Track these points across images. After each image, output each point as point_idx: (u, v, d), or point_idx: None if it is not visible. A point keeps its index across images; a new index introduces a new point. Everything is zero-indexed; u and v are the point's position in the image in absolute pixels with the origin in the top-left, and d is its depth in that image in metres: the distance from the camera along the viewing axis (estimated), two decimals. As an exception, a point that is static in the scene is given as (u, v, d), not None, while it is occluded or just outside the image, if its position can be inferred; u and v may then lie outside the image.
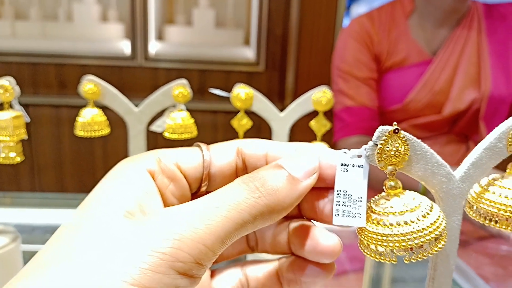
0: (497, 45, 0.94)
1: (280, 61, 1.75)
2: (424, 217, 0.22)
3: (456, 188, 0.25)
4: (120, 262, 0.17)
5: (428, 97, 0.93)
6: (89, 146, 1.75)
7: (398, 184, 0.23)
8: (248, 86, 0.47)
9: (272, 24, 1.71)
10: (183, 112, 0.47)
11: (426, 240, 0.21)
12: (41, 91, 1.71)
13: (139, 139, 0.47)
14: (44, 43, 1.70)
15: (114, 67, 1.68)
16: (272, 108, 0.48)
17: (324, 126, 0.49)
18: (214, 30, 1.80)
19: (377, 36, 0.95)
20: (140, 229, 0.19)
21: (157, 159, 0.23)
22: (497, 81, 0.93)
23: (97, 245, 0.18)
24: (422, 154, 0.24)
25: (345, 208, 0.22)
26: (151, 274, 0.17)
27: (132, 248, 0.18)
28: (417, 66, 0.94)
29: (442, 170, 0.24)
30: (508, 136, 0.26)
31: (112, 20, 1.78)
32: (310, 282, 0.24)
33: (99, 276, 0.17)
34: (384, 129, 0.22)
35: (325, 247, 0.23)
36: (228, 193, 0.20)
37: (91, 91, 0.44)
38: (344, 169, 0.23)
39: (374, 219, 0.22)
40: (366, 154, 0.23)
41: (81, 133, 0.45)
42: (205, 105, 1.71)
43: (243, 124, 0.48)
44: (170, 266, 0.17)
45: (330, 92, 0.48)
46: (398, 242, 0.21)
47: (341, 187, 0.23)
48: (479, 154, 0.25)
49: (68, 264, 0.17)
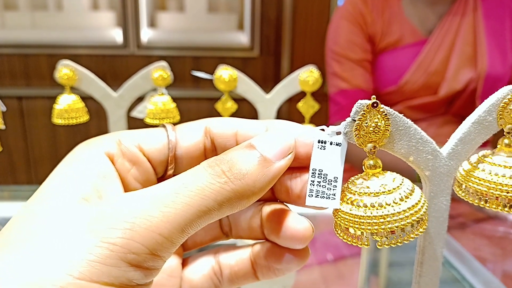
0: (493, 24, 0.93)
1: (274, 45, 1.73)
2: (402, 200, 0.20)
3: (443, 166, 0.23)
4: (67, 253, 0.16)
5: (424, 78, 0.92)
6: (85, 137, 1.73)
7: (378, 163, 0.21)
8: (232, 67, 0.45)
9: (266, 7, 1.68)
10: (164, 96, 0.45)
11: (400, 226, 0.19)
12: (34, 83, 1.69)
13: (120, 125, 0.46)
14: (35, 33, 1.67)
15: (106, 56, 1.65)
16: (257, 89, 0.46)
17: (312, 107, 0.47)
18: (207, 15, 1.77)
19: (370, 16, 0.93)
20: (90, 217, 0.17)
21: (117, 141, 0.21)
22: (494, 60, 0.91)
23: (46, 234, 0.17)
24: (405, 130, 0.22)
25: (319, 188, 0.21)
26: (99, 267, 0.16)
27: (80, 238, 0.16)
28: (412, 46, 0.93)
29: (428, 146, 0.23)
30: (498, 109, 0.24)
31: (103, 8, 1.75)
32: (284, 269, 0.23)
33: (42, 268, 0.15)
34: (362, 103, 0.21)
35: (295, 232, 0.22)
36: (191, 177, 0.18)
37: (67, 76, 0.42)
38: (321, 146, 0.21)
39: (348, 199, 0.20)
40: (344, 131, 0.21)
41: (58, 121, 0.44)
42: (200, 93, 1.69)
43: (227, 107, 0.46)
44: (120, 257, 0.16)
45: (317, 72, 0.46)
46: (370, 225, 0.19)
47: (317, 166, 0.21)
48: (467, 129, 0.23)
49: (12, 254, 0.16)
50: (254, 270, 0.24)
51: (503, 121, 0.24)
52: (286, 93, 0.47)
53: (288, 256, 0.23)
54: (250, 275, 0.24)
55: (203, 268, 0.24)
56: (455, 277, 0.57)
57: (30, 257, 0.16)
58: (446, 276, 0.58)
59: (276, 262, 0.23)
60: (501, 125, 0.24)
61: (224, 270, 0.24)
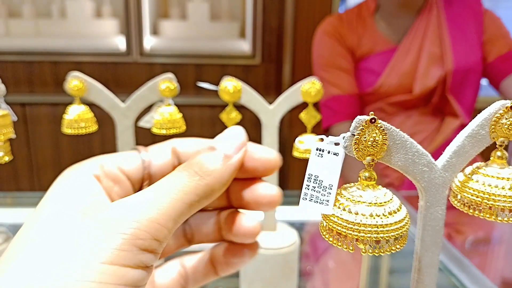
0: (457, 25, 1.05)
1: (276, 53, 1.74)
2: (390, 214, 0.21)
3: (439, 178, 0.25)
4: (89, 247, 0.20)
5: (397, 80, 1.04)
6: (88, 144, 1.74)
7: (373, 175, 0.22)
8: (236, 79, 0.47)
9: (268, 16, 1.70)
10: (171, 107, 0.46)
11: (385, 237, 0.21)
12: (37, 90, 1.70)
13: (127, 135, 0.47)
14: (38, 41, 1.69)
15: (109, 63, 1.67)
16: (260, 100, 0.48)
17: (314, 117, 0.49)
18: (209, 23, 1.79)
19: (345, 32, 1.08)
20: (99, 220, 0.21)
21: (100, 165, 0.25)
22: (459, 57, 1.03)
23: (61, 238, 0.20)
24: (401, 144, 0.23)
25: (313, 193, 0.22)
26: (117, 253, 0.20)
27: (98, 235, 0.20)
28: (384, 54, 1.06)
29: (423, 159, 0.24)
30: (491, 123, 0.25)
31: (106, 16, 1.77)
32: (239, 262, 0.28)
33: (73, 259, 0.19)
34: (361, 119, 0.22)
35: (247, 229, 0.27)
36: (173, 180, 0.23)
37: (77, 88, 0.44)
38: (319, 154, 0.23)
39: (341, 204, 0.22)
40: (344, 144, 0.22)
41: (68, 130, 0.45)
42: (202, 100, 1.70)
43: (232, 117, 0.48)
44: (132, 243, 0.20)
45: (319, 83, 0.47)
46: (358, 231, 0.21)
47: (313, 172, 0.22)
48: (461, 142, 0.25)
49: (42, 253, 0.20)
50: (215, 267, 0.29)
51: (495, 134, 0.25)
52: (288, 104, 0.48)
53: (242, 251, 0.28)
54: (211, 273, 0.29)
55: (171, 273, 0.29)
56: (454, 284, 0.58)
57: (61, 255, 0.20)
58: (445, 283, 0.59)
59: (233, 257, 0.28)
60: (494, 138, 0.25)
61: (188, 271, 0.29)
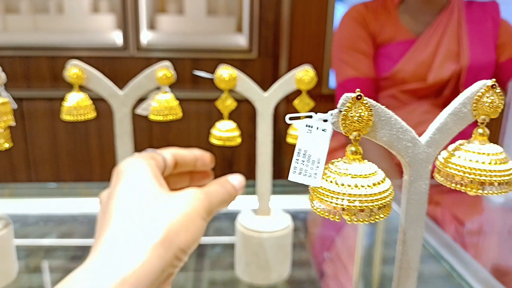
0: (475, 26, 1.13)
1: (273, 47, 1.75)
2: (374, 185, 0.23)
3: (422, 153, 0.26)
4: (151, 226, 0.27)
5: (413, 68, 1.11)
6: (85, 137, 1.75)
7: (359, 150, 0.24)
8: (231, 67, 0.48)
9: (264, 10, 1.71)
10: (167, 94, 0.47)
11: (369, 206, 0.22)
12: (34, 85, 1.71)
13: (125, 122, 0.48)
14: (36, 36, 1.69)
15: (106, 58, 1.68)
16: (255, 88, 0.49)
17: (308, 104, 0.50)
18: (206, 18, 1.79)
19: (370, 18, 1.17)
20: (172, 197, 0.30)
21: (151, 156, 0.35)
22: (475, 55, 1.11)
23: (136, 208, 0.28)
24: (386, 120, 0.24)
25: (302, 166, 0.23)
26: (186, 217, 0.28)
27: (172, 206, 0.28)
28: (403, 43, 1.14)
29: (407, 135, 0.25)
30: (473, 101, 0.26)
31: (103, 11, 1.78)
32: None
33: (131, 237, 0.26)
34: (348, 96, 0.23)
35: None
36: (217, 189, 0.35)
37: (76, 75, 0.45)
38: (308, 130, 0.24)
39: (328, 177, 0.23)
40: (332, 121, 0.24)
41: (67, 117, 0.46)
42: (199, 94, 1.71)
43: (227, 105, 0.49)
44: (204, 207, 0.30)
45: (313, 71, 0.49)
46: (344, 200, 0.22)
47: (303, 146, 0.24)
48: (444, 119, 0.26)
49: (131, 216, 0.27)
50: None
51: (476, 112, 0.26)
52: (283, 91, 0.49)
53: None
54: None
55: None
56: (446, 269, 0.59)
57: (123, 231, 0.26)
58: (437, 269, 0.60)
59: None
60: (475, 116, 0.27)
61: None
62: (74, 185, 0.93)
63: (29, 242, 0.67)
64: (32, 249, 0.66)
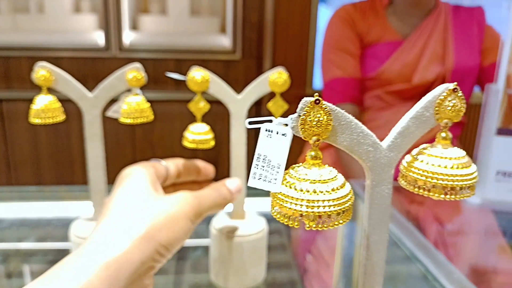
0: (461, 30, 1.14)
1: (256, 48, 1.75)
2: (333, 190, 0.22)
3: (384, 157, 0.26)
4: (142, 222, 0.32)
5: (399, 69, 1.13)
6: (66, 139, 1.73)
7: (319, 155, 0.23)
8: (203, 69, 0.47)
9: (248, 11, 1.71)
10: (138, 97, 0.46)
11: (328, 212, 0.22)
12: (15, 85, 1.68)
13: (95, 124, 0.47)
14: (16, 36, 1.66)
15: (88, 58, 1.66)
16: (228, 90, 0.48)
17: (282, 107, 0.50)
18: (189, 19, 1.78)
19: (357, 18, 1.18)
20: (162, 199, 0.35)
21: (151, 165, 0.40)
22: (460, 58, 1.14)
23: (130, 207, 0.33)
24: (346, 124, 0.24)
25: (262, 172, 0.23)
26: (173, 215, 0.33)
27: (165, 205, 0.34)
28: (390, 44, 1.16)
29: (368, 139, 0.25)
30: (435, 105, 0.26)
31: (85, 11, 1.75)
32: None
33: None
34: (307, 100, 0.23)
35: None
36: (210, 193, 0.40)
37: (44, 77, 0.44)
38: (268, 134, 0.23)
39: (287, 182, 0.22)
40: (291, 125, 0.23)
41: (35, 120, 0.45)
42: (182, 95, 1.70)
43: (200, 107, 0.48)
44: (192, 208, 0.36)
45: (286, 73, 0.48)
46: (302, 206, 0.22)
47: (262, 151, 0.23)
48: (406, 123, 0.26)
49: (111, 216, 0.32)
50: None
51: (439, 116, 0.26)
52: (256, 93, 0.49)
53: None
54: None
55: None
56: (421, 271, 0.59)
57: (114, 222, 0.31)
58: (412, 270, 0.61)
59: None
60: (438, 119, 0.26)
61: None
62: (55, 188, 0.92)
63: (6, 246, 0.66)
64: (9, 253, 0.65)
